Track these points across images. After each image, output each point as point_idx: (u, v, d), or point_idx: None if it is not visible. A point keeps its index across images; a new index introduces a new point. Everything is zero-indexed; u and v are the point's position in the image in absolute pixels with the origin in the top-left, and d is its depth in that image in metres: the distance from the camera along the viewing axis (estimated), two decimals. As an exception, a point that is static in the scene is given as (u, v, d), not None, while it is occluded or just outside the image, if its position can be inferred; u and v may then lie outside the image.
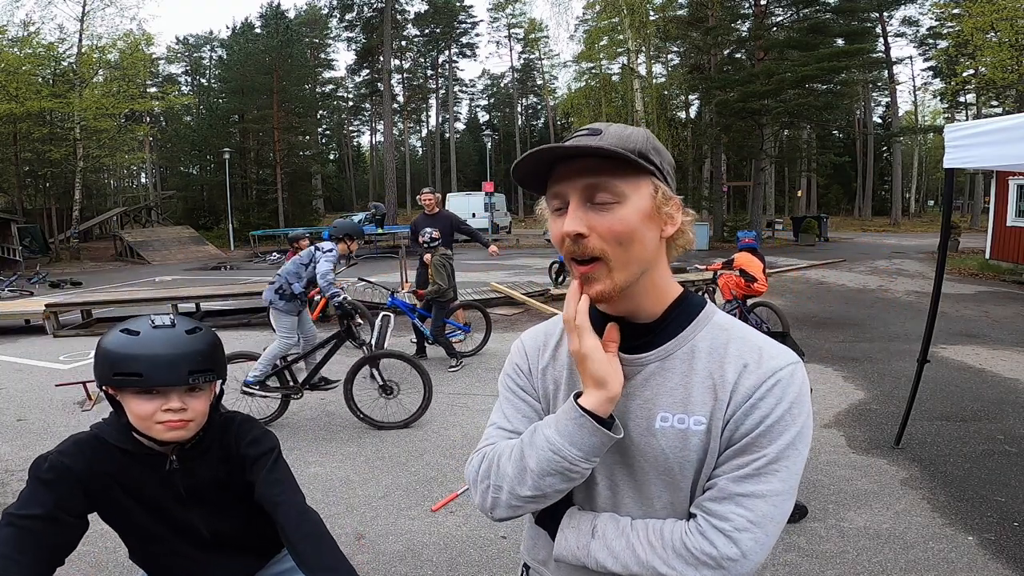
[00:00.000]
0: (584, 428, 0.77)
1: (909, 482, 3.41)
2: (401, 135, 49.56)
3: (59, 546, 1.12)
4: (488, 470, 0.86)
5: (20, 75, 19.99)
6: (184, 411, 1.17)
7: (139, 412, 1.16)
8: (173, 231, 25.09)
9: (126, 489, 1.23)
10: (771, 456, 0.76)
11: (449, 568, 2.69)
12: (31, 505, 1.12)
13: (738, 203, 33.98)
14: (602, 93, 27.75)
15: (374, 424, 4.42)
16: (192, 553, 1.31)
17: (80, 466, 1.17)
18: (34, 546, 1.08)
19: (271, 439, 1.34)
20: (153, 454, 1.23)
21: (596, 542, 0.82)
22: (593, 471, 0.86)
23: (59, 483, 1.15)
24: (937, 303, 3.70)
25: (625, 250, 0.78)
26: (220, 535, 1.32)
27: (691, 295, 0.88)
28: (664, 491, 0.83)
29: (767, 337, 0.83)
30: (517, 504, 0.83)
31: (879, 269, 14.00)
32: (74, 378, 5.43)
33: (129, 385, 1.14)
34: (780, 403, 0.76)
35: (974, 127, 3.25)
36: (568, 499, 0.89)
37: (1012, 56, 17.05)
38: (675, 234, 0.84)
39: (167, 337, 1.17)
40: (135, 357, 1.13)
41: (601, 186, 0.77)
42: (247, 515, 1.33)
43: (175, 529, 1.29)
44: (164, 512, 1.27)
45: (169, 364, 1.14)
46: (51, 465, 1.16)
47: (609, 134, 0.79)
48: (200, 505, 1.29)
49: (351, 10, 41.75)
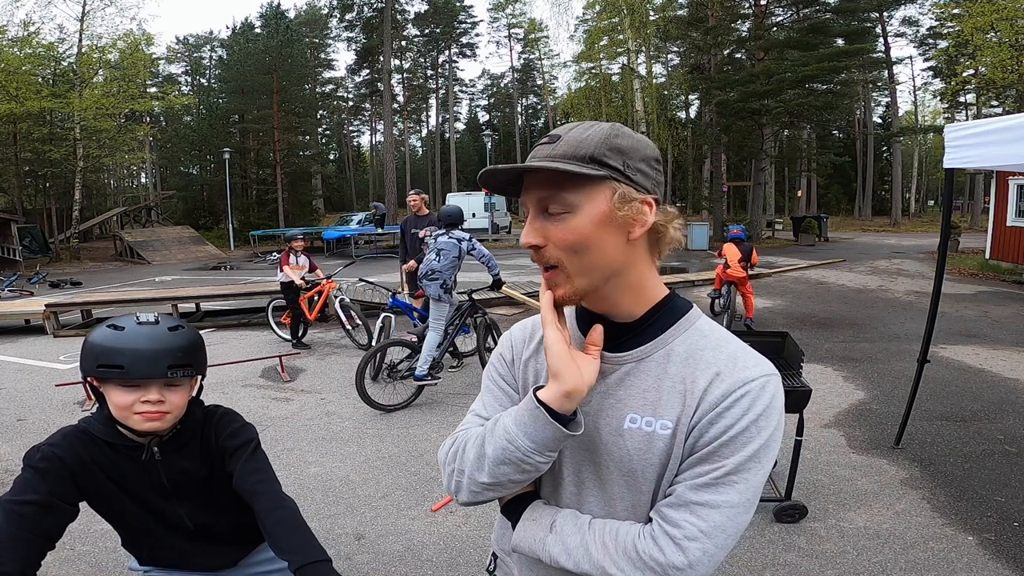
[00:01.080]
0: (538, 420, 0.77)
1: (909, 482, 3.41)
2: (401, 135, 49.58)
3: (51, 530, 1.19)
4: (455, 454, 0.88)
5: (20, 75, 19.97)
6: (162, 403, 1.23)
7: (119, 403, 1.22)
8: (173, 231, 25.09)
9: (112, 480, 1.29)
10: (731, 467, 0.74)
11: (449, 568, 2.69)
12: (27, 492, 1.17)
13: (738, 203, 34.00)
14: (602, 93, 27.78)
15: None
16: (178, 543, 1.38)
17: (70, 457, 1.24)
18: (29, 529, 1.14)
19: (249, 431, 1.40)
20: (134, 446, 1.29)
21: (552, 536, 0.83)
22: (561, 467, 0.87)
23: (52, 472, 1.21)
24: (937, 303, 3.70)
25: (581, 258, 0.78)
26: (204, 526, 1.39)
27: (677, 298, 0.86)
28: (627, 492, 0.82)
29: (746, 346, 0.82)
30: (476, 490, 0.84)
31: (879, 269, 14.00)
32: (74, 378, 5.43)
33: (111, 377, 1.21)
34: (746, 414, 0.75)
35: (974, 127, 3.25)
36: (535, 493, 0.90)
37: (1012, 56, 17.05)
38: (653, 234, 0.81)
39: (150, 333, 1.23)
40: (119, 351, 1.20)
41: (551, 198, 0.78)
42: (230, 507, 1.38)
43: (160, 519, 1.35)
44: (148, 503, 1.33)
45: (150, 358, 1.20)
46: (43, 455, 1.22)
47: (564, 141, 0.79)
48: (184, 498, 1.35)
49: (351, 10, 41.74)
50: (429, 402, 4.96)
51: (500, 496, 0.86)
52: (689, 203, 28.44)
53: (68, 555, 2.78)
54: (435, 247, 4.91)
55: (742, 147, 23.13)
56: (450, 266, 4.84)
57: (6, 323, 8.53)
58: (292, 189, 30.87)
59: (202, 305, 9.16)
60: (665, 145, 25.68)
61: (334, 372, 5.99)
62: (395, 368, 4.91)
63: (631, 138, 0.80)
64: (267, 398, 5.22)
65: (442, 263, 4.81)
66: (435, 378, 4.91)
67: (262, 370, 6.06)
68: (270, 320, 7.77)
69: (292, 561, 1.16)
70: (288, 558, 1.17)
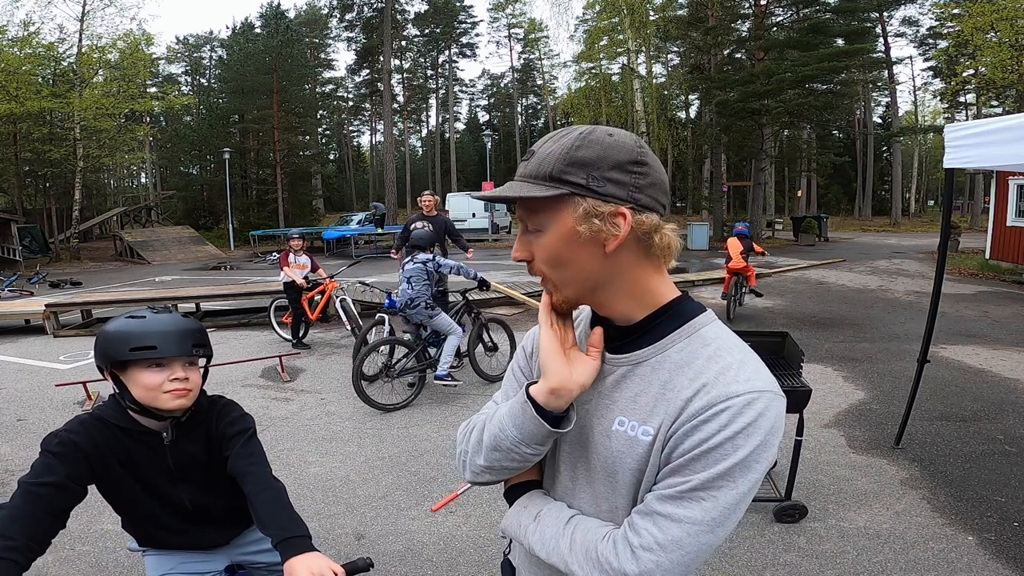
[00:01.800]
0: (525, 413, 0.80)
1: (909, 482, 3.41)
2: (401, 135, 49.55)
3: (63, 509, 1.30)
4: (467, 436, 0.92)
5: (20, 75, 19.94)
6: (187, 380, 1.38)
7: (149, 383, 1.35)
8: (173, 231, 25.07)
9: (123, 464, 1.41)
10: (697, 483, 0.72)
11: (449, 568, 2.69)
12: (45, 475, 1.29)
13: (738, 203, 34.00)
14: (602, 93, 27.79)
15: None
16: (176, 524, 1.50)
17: (85, 442, 1.35)
18: (43, 509, 1.25)
19: (248, 420, 1.52)
20: (148, 432, 1.42)
21: (534, 525, 0.86)
22: (559, 461, 0.89)
23: (68, 456, 1.32)
24: (937, 303, 3.70)
25: (560, 271, 0.80)
26: (202, 508, 1.51)
27: (688, 302, 0.83)
28: (609, 493, 0.83)
29: (748, 360, 0.77)
30: (476, 471, 0.89)
31: (879, 269, 14.01)
32: (74, 378, 5.43)
33: (144, 358, 1.34)
34: (723, 430, 0.71)
35: (974, 127, 3.25)
36: (538, 482, 0.93)
37: (1012, 56, 17.05)
38: (638, 242, 0.77)
39: (170, 318, 1.41)
40: (148, 334, 1.35)
41: (527, 217, 0.81)
42: (226, 491, 1.49)
43: (162, 502, 1.47)
44: (154, 486, 1.45)
45: (177, 338, 1.37)
46: (60, 440, 1.33)
47: (535, 158, 0.79)
48: (187, 481, 1.48)
49: (351, 10, 41.74)
50: (429, 402, 4.97)
51: (500, 479, 0.90)
52: (689, 203, 28.47)
53: (68, 555, 2.78)
54: (404, 276, 5.01)
55: (742, 147, 23.13)
56: (423, 289, 4.95)
57: (6, 323, 8.53)
58: (292, 189, 30.86)
59: (202, 305, 9.15)
60: (665, 145, 25.69)
61: (334, 372, 5.99)
62: (391, 367, 4.94)
63: (598, 145, 0.75)
64: (267, 398, 5.22)
65: (416, 289, 4.93)
66: (455, 380, 5.02)
67: (262, 370, 6.06)
68: (272, 320, 7.78)
69: (274, 536, 1.25)
70: (270, 533, 1.26)
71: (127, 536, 1.59)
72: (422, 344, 5.07)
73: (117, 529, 3.04)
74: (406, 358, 5.00)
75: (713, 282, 12.03)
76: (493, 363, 5.59)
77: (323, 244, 21.96)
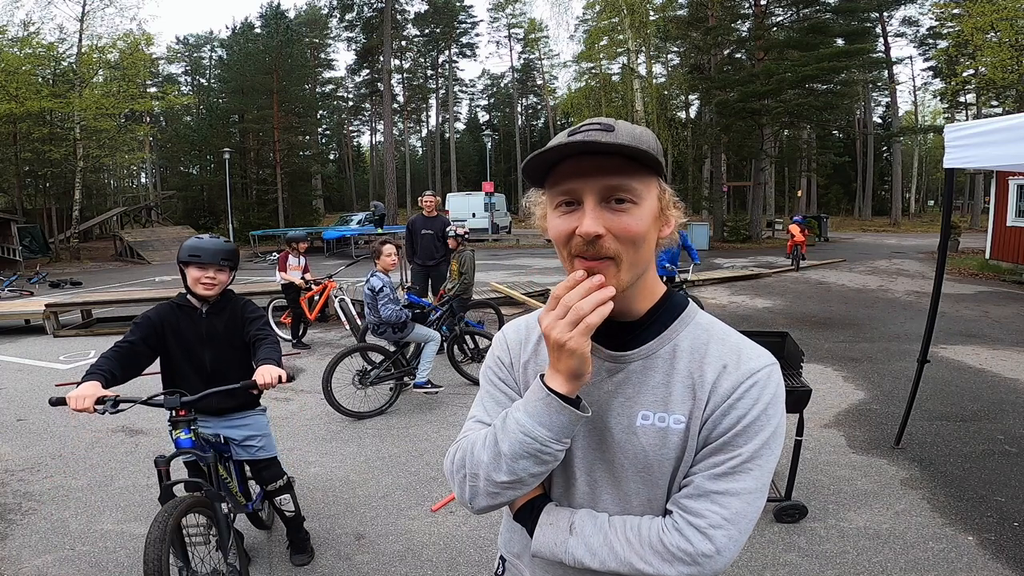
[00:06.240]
0: (551, 407, 0.76)
1: (909, 482, 3.41)
2: (401, 135, 49.56)
3: (137, 361, 2.21)
4: (463, 459, 0.85)
5: (20, 75, 19.95)
6: (214, 279, 2.30)
7: (193, 276, 2.28)
8: (173, 231, 25.06)
9: (174, 334, 2.31)
10: (746, 455, 0.77)
11: (449, 568, 2.68)
12: (128, 336, 2.23)
13: (738, 203, 33.97)
14: (602, 93, 27.76)
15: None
16: (196, 383, 2.27)
17: (156, 318, 2.30)
18: (123, 356, 2.17)
19: (261, 311, 2.50)
20: (192, 308, 2.35)
21: (574, 538, 0.83)
22: (573, 467, 0.87)
23: (144, 325, 2.27)
24: (937, 303, 3.70)
25: (636, 251, 0.78)
26: (218, 371, 2.33)
27: (674, 294, 0.87)
28: (642, 488, 0.83)
29: (746, 338, 0.85)
30: (495, 491, 0.82)
31: (879, 269, 14.00)
32: (74, 378, 5.42)
33: (193, 261, 2.27)
34: (756, 404, 0.78)
35: (974, 127, 3.25)
36: (546, 496, 0.89)
37: (1012, 56, 17.04)
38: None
39: (213, 241, 2.34)
40: (197, 247, 2.29)
41: (622, 187, 0.76)
42: (238, 364, 2.38)
43: (192, 363, 2.34)
44: (190, 350, 2.33)
45: (212, 252, 2.29)
46: (143, 315, 2.30)
47: (621, 130, 0.77)
48: (211, 345, 2.34)
49: (351, 10, 41.75)
50: (429, 402, 4.96)
51: (519, 495, 0.84)
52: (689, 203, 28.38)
53: (68, 555, 2.77)
54: (365, 302, 4.79)
55: (742, 147, 23.12)
56: (383, 310, 4.60)
57: (6, 323, 8.53)
58: (292, 189, 30.86)
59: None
60: (665, 145, 25.66)
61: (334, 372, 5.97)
62: (366, 374, 4.75)
63: None
64: (267, 398, 5.19)
65: (383, 312, 4.60)
66: (435, 386, 4.90)
67: (262, 370, 6.04)
68: (270, 320, 7.78)
69: (259, 362, 2.17)
70: (256, 363, 2.19)
71: (127, 536, 1.61)
72: (397, 351, 4.86)
73: (117, 529, 3.05)
74: (381, 366, 4.82)
75: (713, 282, 12.03)
76: (476, 366, 5.57)
77: (323, 244, 21.96)
